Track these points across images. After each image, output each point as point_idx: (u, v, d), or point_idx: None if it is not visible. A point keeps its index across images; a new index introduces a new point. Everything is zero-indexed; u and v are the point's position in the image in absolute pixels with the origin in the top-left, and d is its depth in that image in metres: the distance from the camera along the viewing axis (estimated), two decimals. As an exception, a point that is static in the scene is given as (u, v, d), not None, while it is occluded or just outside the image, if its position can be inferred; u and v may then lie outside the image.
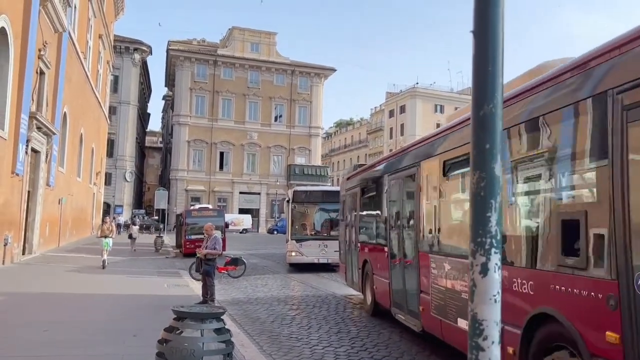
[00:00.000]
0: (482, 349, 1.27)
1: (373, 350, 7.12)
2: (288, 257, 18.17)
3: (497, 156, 1.29)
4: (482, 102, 1.29)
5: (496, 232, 1.30)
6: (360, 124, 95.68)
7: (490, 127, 1.28)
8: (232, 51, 61.78)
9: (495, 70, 1.27)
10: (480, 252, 1.33)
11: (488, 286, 1.30)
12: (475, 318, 1.29)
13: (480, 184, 1.29)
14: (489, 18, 1.25)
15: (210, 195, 58.93)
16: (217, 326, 4.05)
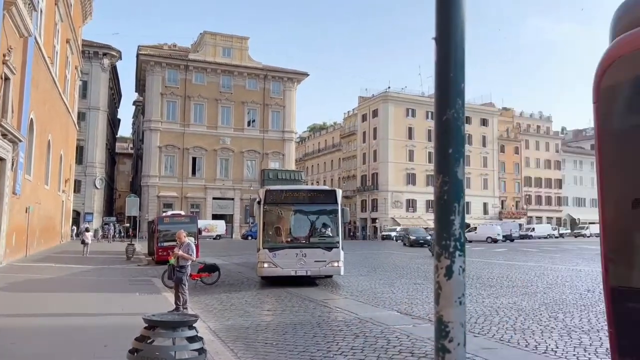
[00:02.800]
0: (448, 351, 1.28)
1: (349, 354, 7.12)
2: (259, 270, 14.96)
3: (460, 160, 1.31)
4: (444, 108, 1.31)
5: (460, 235, 1.32)
6: (333, 128, 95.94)
7: (452, 132, 1.30)
8: (204, 56, 61.34)
9: (457, 76, 1.29)
10: (444, 255, 1.35)
11: (453, 288, 1.32)
12: (440, 320, 1.30)
13: (444, 187, 1.31)
14: (450, 25, 1.27)
15: (182, 201, 58.24)
16: (190, 334, 4.00)
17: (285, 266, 14.50)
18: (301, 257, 14.53)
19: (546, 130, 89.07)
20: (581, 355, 6.95)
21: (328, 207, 15.42)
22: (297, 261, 14.50)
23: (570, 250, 35.90)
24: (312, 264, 14.49)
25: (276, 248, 14.76)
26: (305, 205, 15.68)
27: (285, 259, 14.54)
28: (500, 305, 11.16)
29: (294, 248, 14.84)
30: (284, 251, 14.70)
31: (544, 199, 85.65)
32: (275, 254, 14.59)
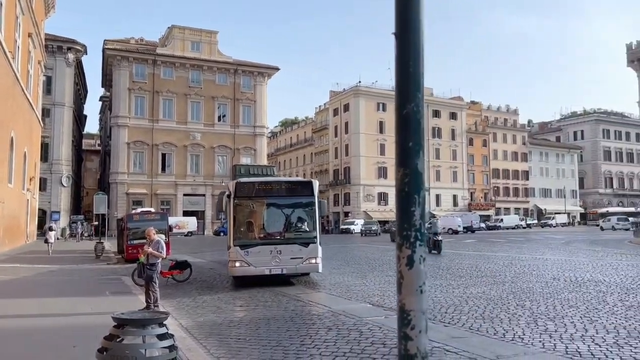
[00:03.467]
0: (410, 339, 1.32)
1: (322, 347, 7.17)
2: (230, 269, 13.75)
3: (420, 153, 1.34)
4: (404, 102, 1.33)
5: (420, 225, 1.35)
6: (305, 123, 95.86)
7: (412, 126, 1.33)
8: (172, 50, 60.40)
9: (416, 71, 1.32)
10: (406, 245, 1.38)
11: (414, 277, 1.35)
12: (403, 309, 1.34)
13: (405, 180, 1.34)
14: (409, 21, 1.29)
15: (152, 198, 57.40)
16: (160, 331, 3.97)
17: (259, 264, 13.38)
18: (276, 254, 13.44)
19: (513, 123, 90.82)
20: (546, 341, 7.15)
21: (304, 199, 14.32)
22: (271, 259, 13.40)
23: (537, 240, 36.83)
24: (288, 261, 13.46)
25: (248, 245, 13.55)
26: (280, 198, 14.41)
27: (259, 257, 13.39)
28: (470, 295, 11.38)
29: (268, 245, 13.64)
30: (257, 248, 13.50)
31: (511, 190, 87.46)
32: (247, 252, 13.40)
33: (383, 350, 6.88)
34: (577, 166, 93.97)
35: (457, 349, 6.79)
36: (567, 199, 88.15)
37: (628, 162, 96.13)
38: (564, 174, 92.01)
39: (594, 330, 7.72)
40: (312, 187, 14.30)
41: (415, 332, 1.35)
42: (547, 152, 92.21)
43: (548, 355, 6.50)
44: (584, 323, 8.21)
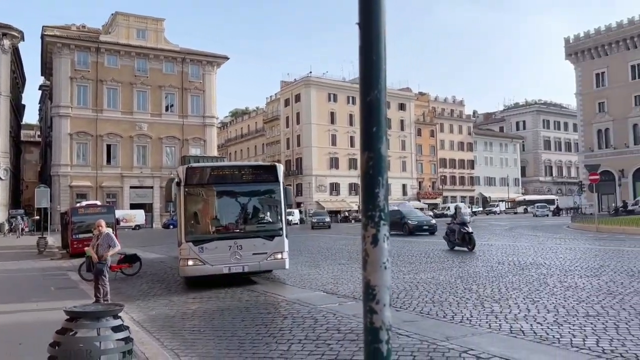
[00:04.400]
0: (375, 312, 1.41)
1: (278, 335, 7.23)
2: (182, 269, 11.86)
3: (382, 138, 1.43)
4: (368, 89, 1.41)
5: (384, 206, 1.44)
6: (256, 113, 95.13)
7: (376, 111, 1.41)
8: (117, 37, 58.37)
9: (379, 59, 1.39)
10: (371, 225, 1.46)
11: (379, 255, 1.44)
12: (368, 284, 1.43)
13: (369, 163, 1.43)
14: (372, 11, 1.36)
15: (97, 191, 55.57)
16: (115, 324, 3.91)
17: (216, 262, 11.59)
18: (236, 249, 11.67)
19: (459, 114, 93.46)
20: (493, 321, 7.50)
21: (267, 186, 12.66)
22: (230, 255, 11.66)
23: (482, 227, 38.19)
24: (250, 257, 11.75)
25: (203, 240, 11.74)
26: (239, 185, 12.56)
27: (216, 254, 11.61)
28: (420, 280, 11.73)
29: (226, 239, 11.85)
30: (214, 244, 11.71)
31: (457, 179, 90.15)
32: (202, 248, 11.59)
33: (338, 336, 7.02)
34: (519, 155, 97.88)
35: (408, 332, 7.01)
36: (510, 186, 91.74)
37: (566, 151, 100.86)
38: (507, 163, 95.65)
39: (535, 310, 8.14)
40: (276, 171, 12.54)
41: (380, 306, 1.43)
42: (491, 142, 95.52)
43: (494, 334, 6.82)
44: (527, 304, 8.64)
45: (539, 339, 6.46)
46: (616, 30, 63.38)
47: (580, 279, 11.01)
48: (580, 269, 12.73)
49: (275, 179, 12.49)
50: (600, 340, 6.23)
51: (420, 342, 6.48)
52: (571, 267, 13.15)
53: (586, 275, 11.51)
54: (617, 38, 62.84)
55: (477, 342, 6.41)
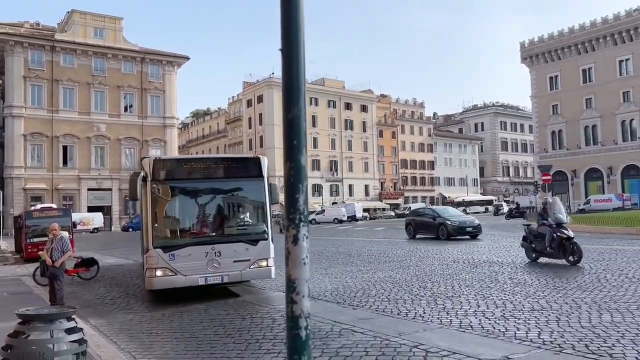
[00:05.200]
0: (295, 302, 1.60)
1: (235, 336, 7.34)
2: (148, 280, 9.99)
3: (302, 150, 1.62)
4: (290, 107, 1.60)
5: (304, 209, 1.63)
6: (218, 114, 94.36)
7: (296, 127, 1.59)
8: (73, 36, 56.89)
9: (299, 81, 1.57)
10: (292, 226, 1.66)
11: (299, 252, 1.63)
12: (289, 278, 1.62)
13: (291, 172, 1.61)
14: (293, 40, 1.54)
15: (53, 193, 54.01)
16: (68, 326, 3.96)
17: (190, 272, 9.89)
18: (213, 256, 10.01)
19: (420, 116, 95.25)
20: (444, 317, 7.81)
21: (250, 182, 10.97)
22: (207, 263, 9.97)
23: (441, 226, 38.94)
24: (231, 265, 10.09)
25: (175, 246, 10.02)
26: (216, 181, 10.89)
27: (190, 262, 9.90)
28: (378, 279, 12.03)
29: (202, 244, 10.14)
30: (187, 250, 9.98)
31: (418, 179, 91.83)
32: (173, 255, 9.85)
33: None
34: (478, 156, 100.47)
35: (363, 329, 7.24)
36: (468, 187, 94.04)
37: (522, 152, 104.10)
38: (466, 164, 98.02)
39: (485, 306, 8.52)
40: (259, 165, 10.94)
41: (300, 297, 1.62)
42: (451, 143, 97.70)
43: (444, 330, 7.12)
44: (477, 300, 9.02)
45: (485, 333, 6.79)
46: (568, 36, 65.94)
47: (529, 275, 11.53)
48: (530, 265, 13.30)
49: (259, 173, 10.80)
50: (542, 333, 6.60)
51: (373, 339, 6.71)
52: (522, 264, 13.71)
53: (535, 272, 12.05)
54: (569, 43, 65.40)
55: (427, 337, 6.69)
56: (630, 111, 60.01)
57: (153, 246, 9.90)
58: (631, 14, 60.29)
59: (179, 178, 10.67)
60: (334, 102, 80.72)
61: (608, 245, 17.85)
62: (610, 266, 12.36)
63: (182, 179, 10.70)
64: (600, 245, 18.01)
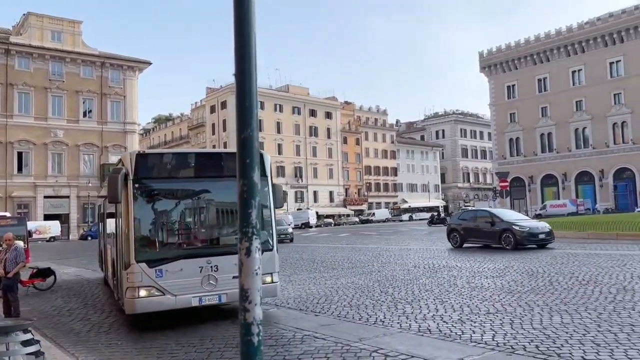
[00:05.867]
0: (248, 310, 1.71)
1: (197, 344, 7.32)
2: (129, 302, 8.33)
3: (255, 168, 1.73)
4: (243, 128, 1.71)
5: (256, 223, 1.74)
6: (180, 120, 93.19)
7: (250, 146, 1.70)
8: (29, 39, 55.28)
9: (252, 103, 1.68)
10: (245, 239, 1.77)
11: (251, 264, 1.74)
12: (242, 288, 1.73)
13: (244, 188, 1.72)
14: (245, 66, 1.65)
15: (7, 201, 52.17)
16: (24, 338, 3.92)
17: (182, 291, 8.29)
18: (210, 271, 8.43)
19: (383, 123, 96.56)
20: (403, 322, 8.00)
21: None
22: (202, 280, 8.38)
23: (403, 231, 39.67)
24: (230, 282, 8.17)
25: (162, 259, 8.34)
26: (213, 181, 9.15)
27: (181, 278, 8.30)
28: (340, 285, 12.17)
29: (196, 257, 8.51)
30: (178, 264, 8.33)
31: (382, 185, 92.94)
32: (160, 271, 8.23)
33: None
34: (439, 163, 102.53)
35: (325, 335, 7.35)
36: (430, 193, 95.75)
37: (482, 158, 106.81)
38: (428, 170, 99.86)
39: (443, 309, 8.76)
40: (262, 162, 9.13)
41: (252, 305, 1.73)
42: (413, 150, 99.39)
43: (404, 334, 7.30)
44: (436, 304, 9.27)
45: (443, 336, 7.01)
46: (524, 46, 68.24)
47: (486, 280, 11.89)
48: (487, 270, 13.71)
49: (262, 172, 8.61)
50: (496, 335, 6.86)
51: (335, 344, 6.83)
52: (480, 268, 14.11)
53: (492, 276, 12.44)
54: (525, 53, 67.69)
55: (387, 341, 6.86)
56: (583, 120, 62.49)
57: (136, 260, 8.10)
58: (583, 26, 62.92)
59: (167, 177, 8.90)
60: (299, 109, 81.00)
61: (562, 249, 18.54)
62: (562, 269, 12.88)
63: (170, 177, 8.93)
64: (555, 249, 18.70)
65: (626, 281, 10.55)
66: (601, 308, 8.10)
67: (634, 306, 8.13)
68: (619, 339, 6.27)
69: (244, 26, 1.69)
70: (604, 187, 60.30)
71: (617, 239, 21.79)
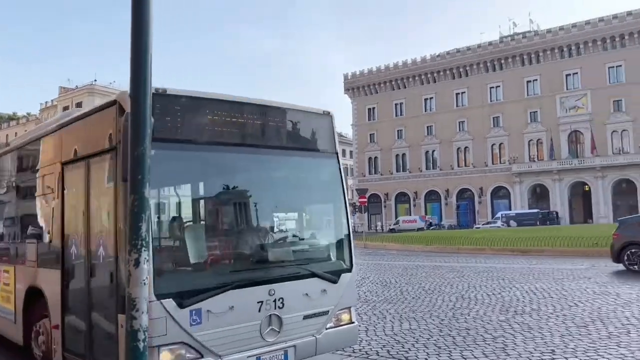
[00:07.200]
0: (135, 318, 1.80)
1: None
2: None
3: (146, 184, 1.83)
4: (136, 145, 1.80)
5: (145, 236, 1.84)
6: (27, 119, 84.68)
7: (141, 163, 1.80)
8: None
9: (145, 123, 1.79)
10: (134, 251, 1.87)
11: (139, 274, 1.85)
12: (130, 297, 1.82)
13: (135, 203, 1.81)
14: (140, 89, 1.75)
15: None
16: None
17: (231, 348, 4.49)
18: (271, 308, 4.78)
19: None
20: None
21: (320, 161, 5.87)
22: (262, 325, 4.70)
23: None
24: (298, 326, 4.99)
25: (201, 292, 4.30)
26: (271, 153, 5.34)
27: (230, 325, 4.47)
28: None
29: (252, 284, 4.70)
30: (227, 297, 4.46)
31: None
32: (199, 314, 4.24)
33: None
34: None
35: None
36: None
37: (349, 175, 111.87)
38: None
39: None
40: (332, 131, 5.96)
41: (139, 313, 1.82)
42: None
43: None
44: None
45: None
46: (385, 72, 73.58)
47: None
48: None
49: (331, 146, 5.88)
50: (353, 341, 7.36)
51: None
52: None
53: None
54: (385, 79, 72.98)
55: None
56: (433, 143, 68.79)
57: (156, 292, 3.60)
58: (435, 58, 69.58)
59: (210, 141, 4.85)
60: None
61: (411, 261, 20.25)
62: (411, 280, 14.11)
63: (215, 142, 4.90)
64: (405, 261, 20.37)
65: (464, 290, 11.90)
66: (443, 315, 9.06)
67: (469, 312, 9.24)
68: (456, 342, 7.10)
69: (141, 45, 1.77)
70: (449, 205, 66.79)
71: (458, 252, 24.36)
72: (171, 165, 4.51)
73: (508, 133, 63.25)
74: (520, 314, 8.90)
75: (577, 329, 7.64)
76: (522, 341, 7.01)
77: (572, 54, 60.21)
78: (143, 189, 1.80)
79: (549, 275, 14.31)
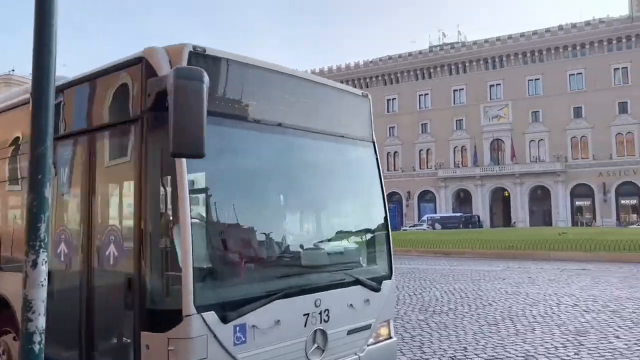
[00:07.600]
0: (31, 320, 1.80)
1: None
2: None
3: (47, 184, 1.81)
4: (37, 145, 1.78)
5: (44, 237, 1.84)
6: None
7: (42, 163, 1.78)
8: None
9: (47, 123, 1.77)
10: (32, 252, 1.86)
11: (37, 275, 1.85)
12: (26, 299, 1.81)
13: (34, 203, 1.80)
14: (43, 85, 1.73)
15: None
16: None
17: None
18: (317, 322, 3.92)
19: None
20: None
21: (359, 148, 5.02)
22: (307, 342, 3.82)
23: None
24: (343, 342, 4.16)
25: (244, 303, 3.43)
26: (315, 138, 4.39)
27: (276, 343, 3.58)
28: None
29: (297, 293, 3.82)
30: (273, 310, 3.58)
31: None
32: (244, 330, 3.39)
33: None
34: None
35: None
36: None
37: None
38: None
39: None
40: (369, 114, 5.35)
41: (36, 315, 1.80)
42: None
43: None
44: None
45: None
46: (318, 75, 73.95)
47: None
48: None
49: (370, 133, 5.21)
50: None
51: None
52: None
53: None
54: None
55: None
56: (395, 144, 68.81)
57: (196, 305, 3.17)
58: (367, 64, 71.05)
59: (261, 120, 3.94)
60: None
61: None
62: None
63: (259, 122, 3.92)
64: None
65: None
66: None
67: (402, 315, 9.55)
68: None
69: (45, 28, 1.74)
70: (378, 208, 67.93)
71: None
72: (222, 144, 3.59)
73: (435, 139, 65.61)
74: (439, 313, 9.32)
75: (489, 327, 8.11)
76: (438, 339, 7.35)
77: (495, 65, 63.41)
78: (44, 189, 1.78)
79: (467, 276, 15.05)
